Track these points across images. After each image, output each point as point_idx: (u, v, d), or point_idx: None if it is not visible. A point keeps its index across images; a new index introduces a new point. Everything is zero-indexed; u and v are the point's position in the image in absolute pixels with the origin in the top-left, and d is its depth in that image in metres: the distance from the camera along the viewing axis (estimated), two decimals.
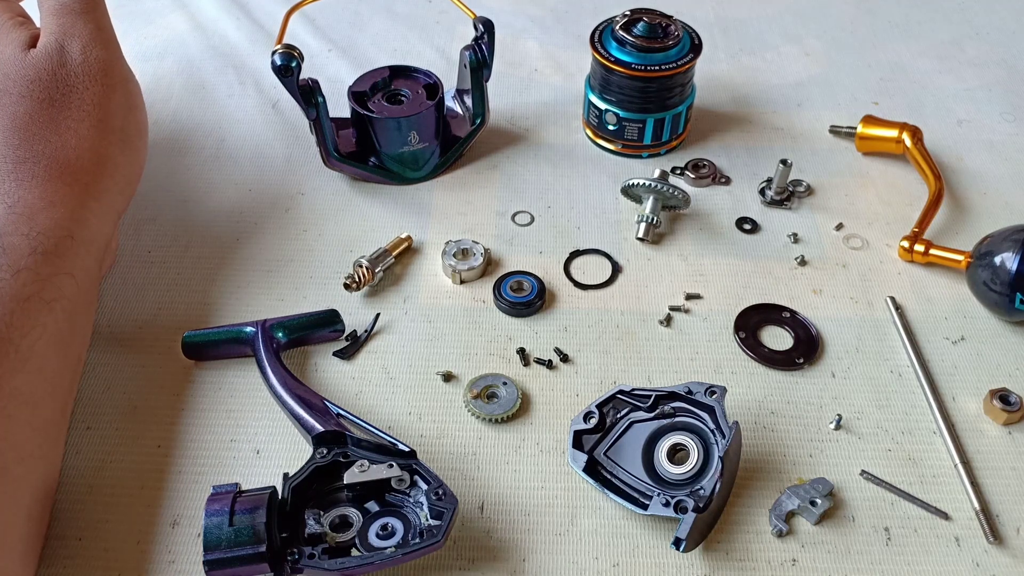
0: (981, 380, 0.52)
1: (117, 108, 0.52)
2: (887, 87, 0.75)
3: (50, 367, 0.44)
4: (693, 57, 0.63)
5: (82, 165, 0.49)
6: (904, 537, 0.45)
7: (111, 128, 0.51)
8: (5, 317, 0.42)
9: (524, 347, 0.54)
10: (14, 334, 0.42)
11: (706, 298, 0.57)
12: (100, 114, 0.51)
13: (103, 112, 0.51)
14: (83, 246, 0.47)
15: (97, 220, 0.49)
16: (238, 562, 0.40)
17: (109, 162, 0.51)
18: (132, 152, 0.53)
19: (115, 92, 0.52)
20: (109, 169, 0.51)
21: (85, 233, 0.48)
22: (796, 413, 0.51)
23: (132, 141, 0.53)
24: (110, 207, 0.51)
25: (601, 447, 0.47)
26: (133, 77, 0.54)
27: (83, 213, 0.48)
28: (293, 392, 0.48)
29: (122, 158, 0.52)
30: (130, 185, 0.54)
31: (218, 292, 0.57)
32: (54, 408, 0.45)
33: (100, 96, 0.51)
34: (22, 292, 0.43)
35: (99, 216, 0.50)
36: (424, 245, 0.60)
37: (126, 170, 0.53)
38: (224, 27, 0.81)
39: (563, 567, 0.44)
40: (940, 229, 0.62)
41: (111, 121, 0.51)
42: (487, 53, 0.63)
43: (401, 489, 0.44)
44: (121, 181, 0.52)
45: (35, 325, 0.43)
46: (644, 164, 0.67)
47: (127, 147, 0.52)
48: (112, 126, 0.51)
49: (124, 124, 0.52)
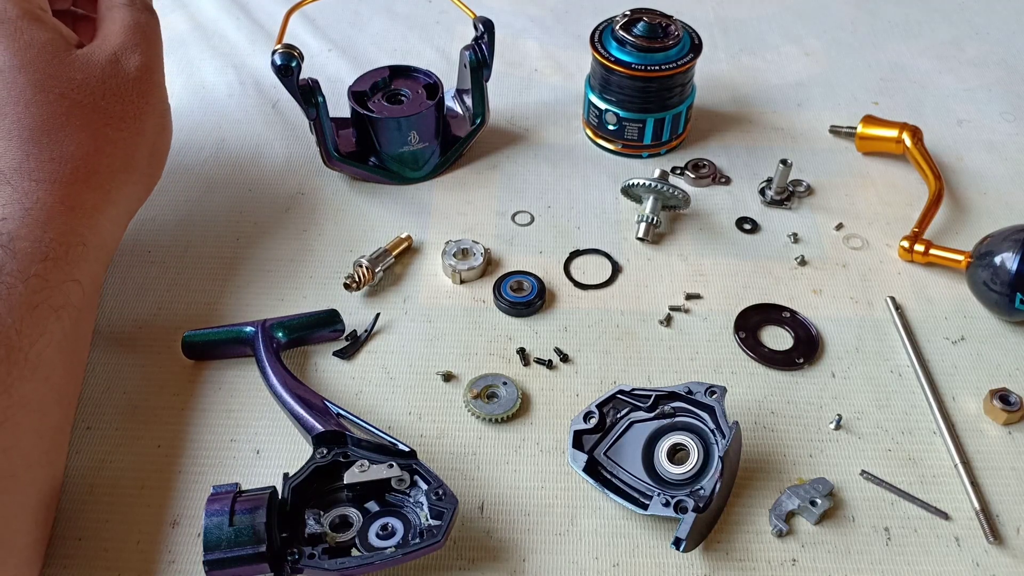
0: (981, 380, 0.52)
1: (154, 125, 0.52)
2: (887, 87, 0.75)
3: (57, 374, 0.44)
4: (693, 57, 0.63)
5: (108, 172, 0.49)
6: (904, 537, 0.45)
7: (143, 142, 0.51)
8: (15, 325, 0.41)
9: (524, 347, 0.54)
10: (24, 342, 0.41)
11: (706, 298, 0.57)
12: (137, 127, 0.50)
13: (140, 126, 0.50)
14: (93, 252, 0.47)
15: (112, 225, 0.49)
16: (238, 562, 0.40)
17: (137, 172, 0.51)
18: (157, 165, 0.54)
19: (154, 111, 0.52)
20: (135, 177, 0.51)
21: (97, 239, 0.48)
22: (796, 413, 0.51)
23: (159, 155, 0.53)
24: (126, 212, 0.51)
25: (601, 447, 0.47)
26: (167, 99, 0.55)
27: (99, 219, 0.48)
28: (293, 392, 0.48)
29: (147, 169, 0.52)
30: (148, 192, 0.54)
31: (218, 292, 0.57)
32: (60, 414, 0.45)
33: (141, 111, 0.50)
34: (32, 300, 0.42)
35: (114, 221, 0.50)
36: (424, 245, 0.60)
37: (149, 180, 0.53)
38: (224, 27, 0.81)
39: (563, 567, 0.44)
40: (940, 229, 0.62)
41: (145, 136, 0.51)
42: (487, 53, 0.63)
43: (401, 489, 0.44)
44: (142, 189, 0.52)
45: (43, 332, 0.42)
46: (644, 164, 0.67)
47: (154, 159, 0.53)
48: (145, 140, 0.51)
49: (156, 140, 0.52)
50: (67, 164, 0.46)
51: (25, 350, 0.41)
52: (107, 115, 0.49)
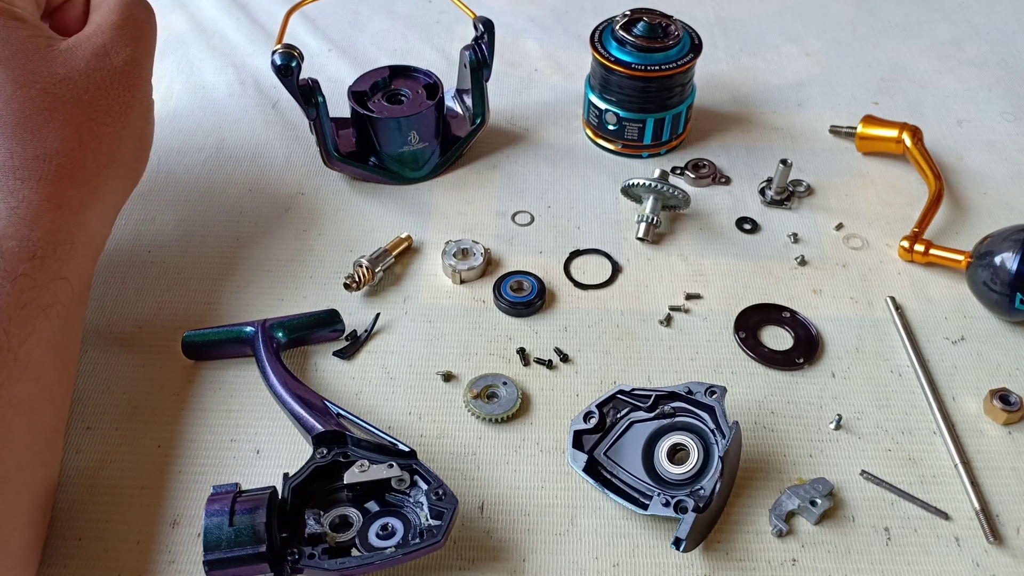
0: (981, 380, 0.52)
1: (139, 120, 0.51)
2: (887, 87, 0.75)
3: (47, 374, 0.43)
4: (693, 57, 0.63)
5: (94, 167, 0.48)
6: (904, 537, 0.45)
7: (128, 136, 0.50)
8: (3, 324, 0.41)
9: (524, 347, 0.54)
10: (12, 342, 0.41)
11: (706, 298, 0.57)
12: (123, 121, 0.50)
13: (126, 120, 0.50)
14: (81, 249, 0.47)
15: (99, 222, 0.49)
16: (238, 562, 0.40)
17: (122, 167, 0.50)
18: (142, 159, 0.53)
19: (140, 105, 0.51)
20: (121, 172, 0.50)
21: (85, 236, 0.47)
22: (796, 413, 0.51)
23: (144, 149, 0.53)
24: (112, 207, 0.51)
25: (601, 447, 0.47)
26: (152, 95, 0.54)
27: (86, 215, 0.47)
28: (293, 392, 0.48)
29: (133, 164, 0.52)
30: (133, 187, 0.53)
31: (218, 292, 0.57)
32: (52, 414, 0.45)
33: (127, 105, 0.50)
34: (20, 299, 0.42)
35: (101, 218, 0.49)
36: (424, 245, 0.60)
37: (135, 174, 0.53)
38: (224, 27, 0.81)
39: (563, 567, 0.44)
40: (940, 229, 0.62)
41: (130, 130, 0.50)
42: (487, 53, 0.63)
43: (401, 489, 0.44)
44: (128, 184, 0.52)
45: (32, 332, 0.42)
46: (644, 164, 0.67)
47: (139, 154, 0.52)
48: (130, 135, 0.51)
49: (141, 134, 0.52)
50: (52, 161, 0.46)
51: (14, 350, 0.41)
52: (91, 110, 0.48)
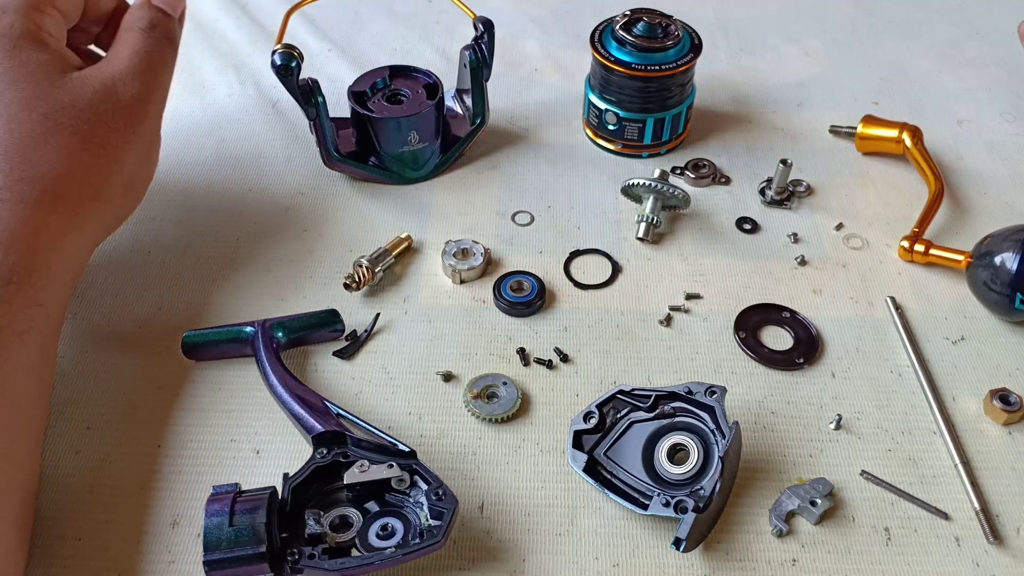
0: (981, 380, 0.52)
1: (135, 157, 0.50)
2: (887, 87, 0.75)
3: (23, 399, 0.43)
4: (693, 57, 0.63)
5: (77, 197, 0.47)
6: (904, 537, 0.45)
7: (120, 171, 0.49)
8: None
9: (524, 347, 0.54)
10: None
11: (706, 298, 0.57)
12: (116, 155, 0.49)
13: (120, 155, 0.49)
14: (58, 276, 0.46)
15: (76, 251, 0.48)
16: (238, 562, 0.40)
17: (108, 202, 0.49)
18: (133, 197, 0.52)
19: (140, 142, 0.50)
20: (106, 206, 0.49)
21: (62, 264, 0.46)
22: (796, 413, 0.51)
23: (136, 187, 0.52)
24: (92, 240, 0.50)
25: (601, 447, 0.47)
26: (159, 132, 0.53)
27: (63, 243, 0.46)
28: (293, 392, 0.48)
29: (120, 200, 0.51)
30: (118, 222, 0.52)
31: (218, 292, 0.57)
32: (29, 438, 0.44)
33: (125, 140, 0.49)
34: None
35: (79, 247, 0.48)
36: (424, 245, 0.60)
37: (121, 211, 0.52)
38: (224, 27, 0.81)
39: (563, 567, 0.44)
40: (940, 229, 0.62)
41: (124, 166, 0.49)
42: (487, 53, 0.63)
43: (401, 489, 0.44)
44: (111, 219, 0.51)
45: (7, 358, 0.41)
46: (644, 164, 0.67)
47: (129, 191, 0.51)
48: (122, 170, 0.49)
49: (135, 172, 0.51)
50: (36, 185, 0.45)
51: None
52: (87, 139, 0.47)
